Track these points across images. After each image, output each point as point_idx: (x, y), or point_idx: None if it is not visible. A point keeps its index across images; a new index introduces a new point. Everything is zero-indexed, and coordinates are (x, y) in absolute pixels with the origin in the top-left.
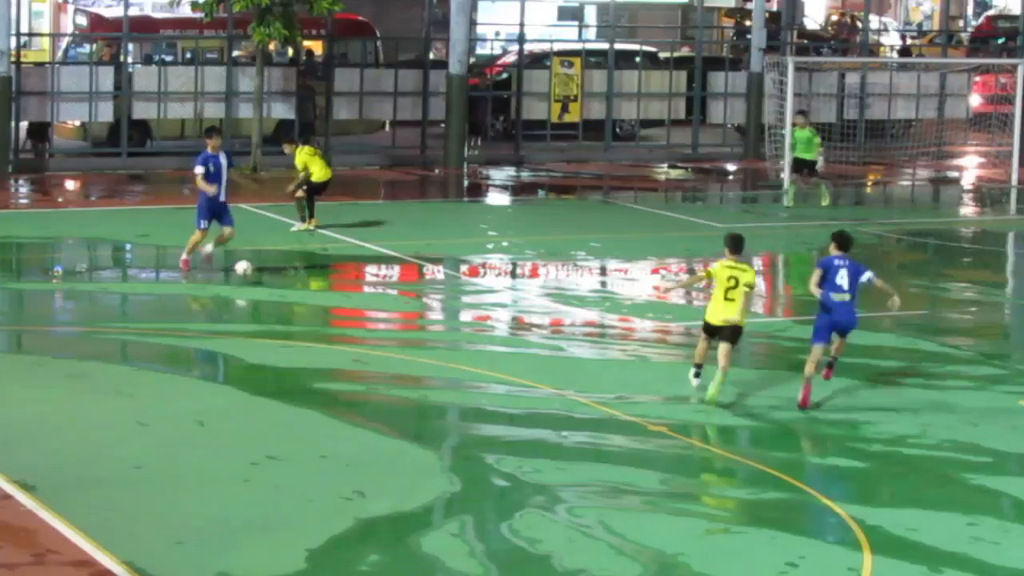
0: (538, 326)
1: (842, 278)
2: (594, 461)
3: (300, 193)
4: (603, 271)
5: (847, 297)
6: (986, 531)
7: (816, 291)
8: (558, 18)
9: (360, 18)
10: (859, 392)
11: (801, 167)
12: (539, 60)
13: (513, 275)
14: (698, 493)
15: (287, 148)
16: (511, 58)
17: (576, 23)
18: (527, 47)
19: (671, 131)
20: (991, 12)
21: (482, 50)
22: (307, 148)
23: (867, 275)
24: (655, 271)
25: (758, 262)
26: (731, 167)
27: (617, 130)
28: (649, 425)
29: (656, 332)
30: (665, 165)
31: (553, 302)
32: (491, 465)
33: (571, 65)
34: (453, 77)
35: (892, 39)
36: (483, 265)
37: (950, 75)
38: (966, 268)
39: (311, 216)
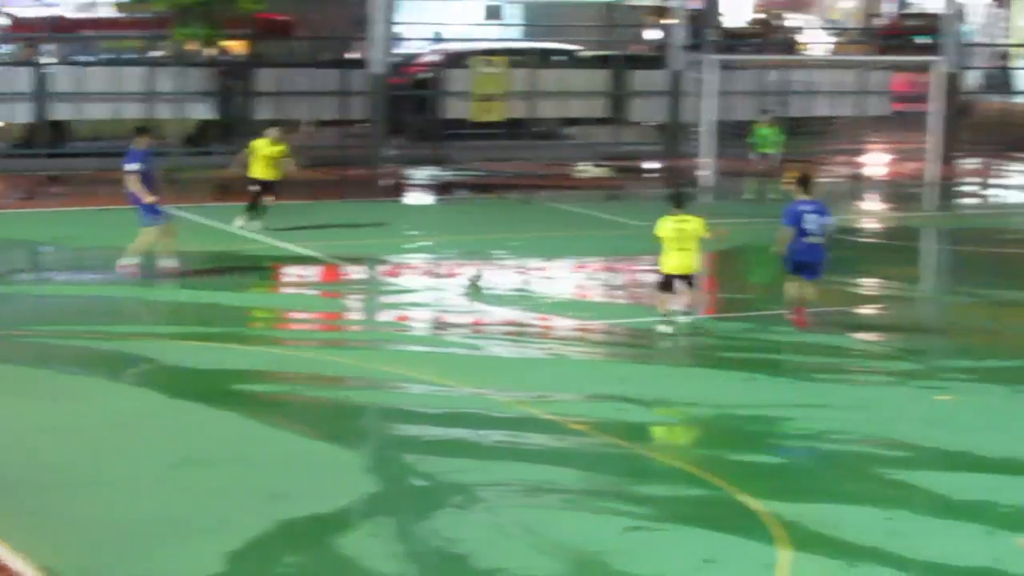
0: (457, 326)
1: (811, 222)
2: (513, 460)
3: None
4: (522, 270)
5: (818, 239)
6: (903, 525)
7: (783, 249)
8: (485, 17)
9: (281, 17)
10: (777, 388)
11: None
12: (460, 59)
13: (432, 274)
14: (617, 491)
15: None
16: (432, 57)
17: (500, 22)
18: (449, 46)
19: (593, 130)
20: (902, 10)
21: (404, 49)
22: (261, 140)
23: (830, 219)
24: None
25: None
26: (652, 165)
27: (538, 129)
28: (568, 423)
29: (576, 330)
30: (587, 163)
31: (471, 301)
32: (410, 465)
33: (492, 64)
34: (374, 76)
35: (813, 36)
36: (403, 265)
37: (870, 72)
38: (883, 264)
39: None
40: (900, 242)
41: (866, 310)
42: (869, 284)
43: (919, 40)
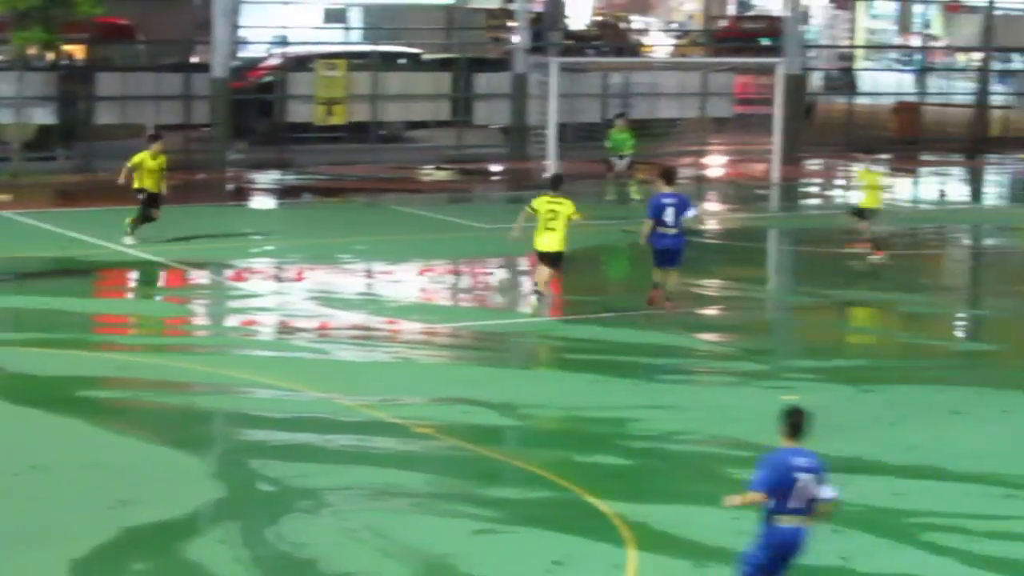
0: (304, 330)
1: (669, 215)
2: (360, 464)
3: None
4: (368, 274)
5: (674, 231)
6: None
7: (644, 241)
8: (324, 20)
9: (122, 21)
10: (625, 389)
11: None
12: (304, 63)
13: (278, 279)
14: (465, 494)
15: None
16: (275, 61)
17: (342, 25)
18: (292, 50)
19: (436, 133)
20: (742, 12)
21: (248, 53)
22: (145, 153)
23: (692, 211)
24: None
25: (523, 261)
26: (497, 168)
27: (382, 132)
28: (415, 427)
29: (422, 334)
30: (431, 167)
31: (319, 305)
32: (257, 470)
33: (335, 67)
34: (216, 80)
35: (656, 39)
36: (248, 270)
37: (712, 75)
38: (728, 265)
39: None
40: (744, 243)
41: (711, 311)
42: (714, 285)
43: (763, 42)
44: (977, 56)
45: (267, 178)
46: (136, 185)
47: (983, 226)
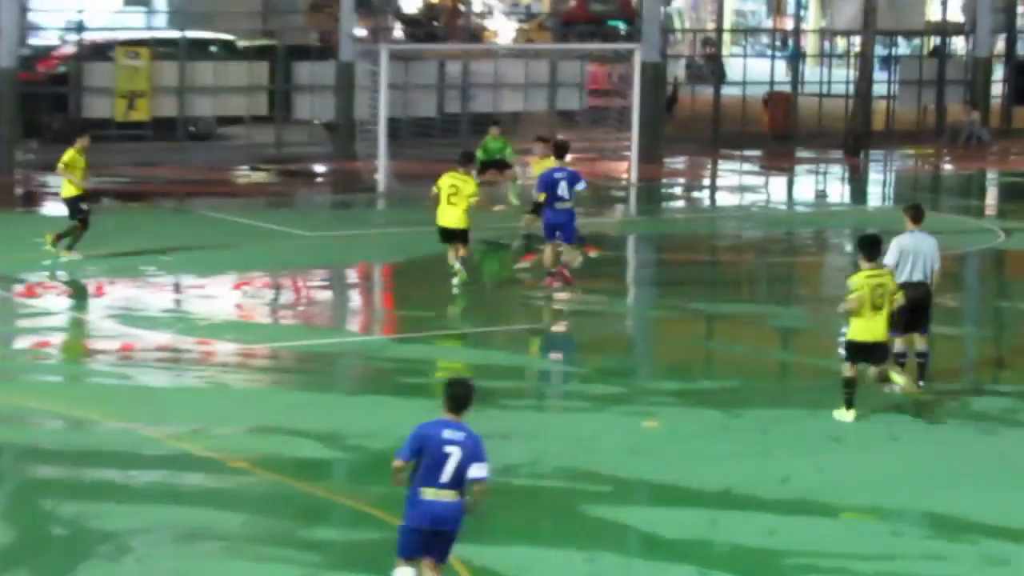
0: (103, 352)
1: (563, 189)
2: (167, 503)
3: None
4: (177, 288)
5: (568, 204)
6: (607, 568)
7: (534, 219)
8: (125, 3)
9: None
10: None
11: (489, 168)
12: (102, 51)
13: (74, 295)
14: (285, 535)
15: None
16: (70, 49)
17: (144, 9)
18: (89, 36)
19: (253, 130)
20: None
21: (39, 40)
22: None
23: (582, 184)
24: (238, 286)
25: (352, 273)
26: (320, 168)
27: (192, 128)
28: (230, 460)
29: (238, 355)
30: (247, 167)
31: (120, 324)
32: (49, 511)
33: (138, 56)
34: (3, 71)
35: (499, 23)
36: (40, 284)
37: (563, 63)
38: (581, 276)
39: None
40: (600, 251)
41: (562, 328)
42: (565, 298)
43: (618, 26)
44: (857, 41)
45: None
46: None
47: (865, 230)
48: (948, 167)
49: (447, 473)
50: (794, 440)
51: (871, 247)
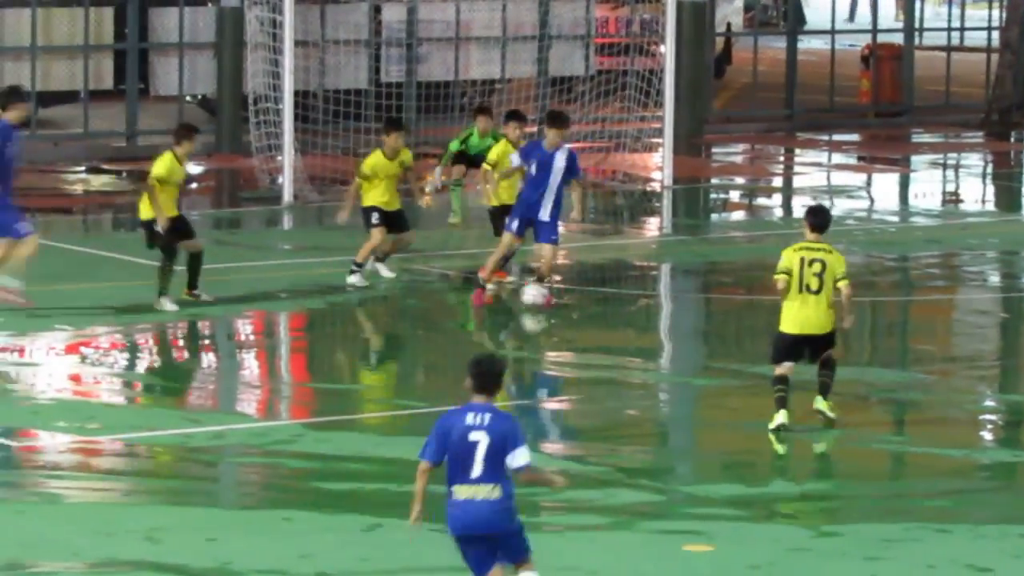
0: None
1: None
2: None
3: None
4: None
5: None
6: None
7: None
8: None
9: None
10: (405, 543)
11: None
12: None
13: None
14: None
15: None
16: None
17: None
18: None
19: (91, 110)
20: None
21: None
22: None
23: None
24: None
25: (246, 325)
26: (194, 168)
27: None
28: None
29: (75, 452)
30: (82, 168)
31: None
32: None
33: None
34: None
35: None
36: None
37: (558, 4)
38: (593, 325)
39: None
40: (615, 287)
41: (562, 403)
42: (567, 359)
43: None
44: None
45: None
46: None
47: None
48: None
49: (477, 465)
50: (917, 571)
51: (817, 214)
